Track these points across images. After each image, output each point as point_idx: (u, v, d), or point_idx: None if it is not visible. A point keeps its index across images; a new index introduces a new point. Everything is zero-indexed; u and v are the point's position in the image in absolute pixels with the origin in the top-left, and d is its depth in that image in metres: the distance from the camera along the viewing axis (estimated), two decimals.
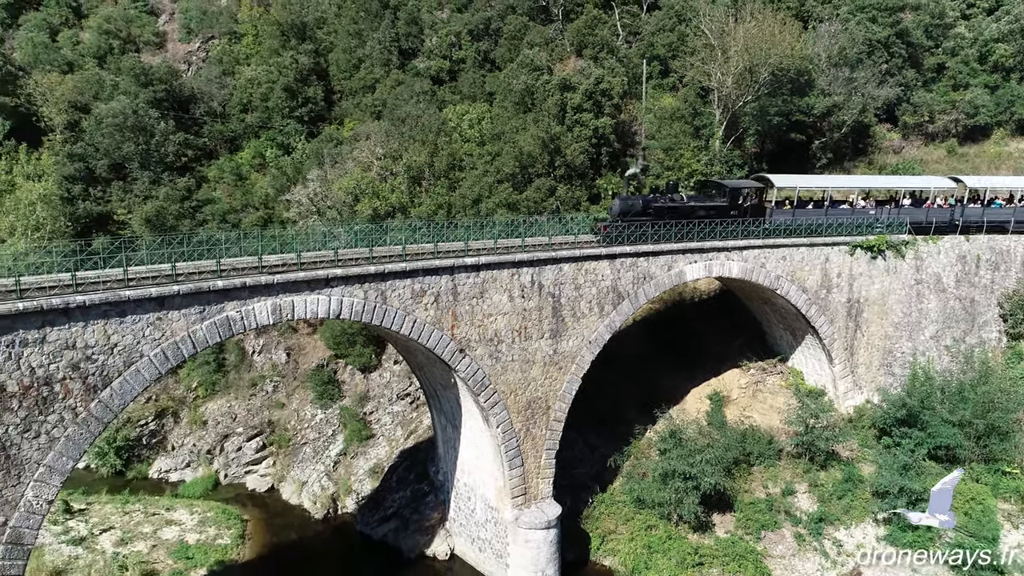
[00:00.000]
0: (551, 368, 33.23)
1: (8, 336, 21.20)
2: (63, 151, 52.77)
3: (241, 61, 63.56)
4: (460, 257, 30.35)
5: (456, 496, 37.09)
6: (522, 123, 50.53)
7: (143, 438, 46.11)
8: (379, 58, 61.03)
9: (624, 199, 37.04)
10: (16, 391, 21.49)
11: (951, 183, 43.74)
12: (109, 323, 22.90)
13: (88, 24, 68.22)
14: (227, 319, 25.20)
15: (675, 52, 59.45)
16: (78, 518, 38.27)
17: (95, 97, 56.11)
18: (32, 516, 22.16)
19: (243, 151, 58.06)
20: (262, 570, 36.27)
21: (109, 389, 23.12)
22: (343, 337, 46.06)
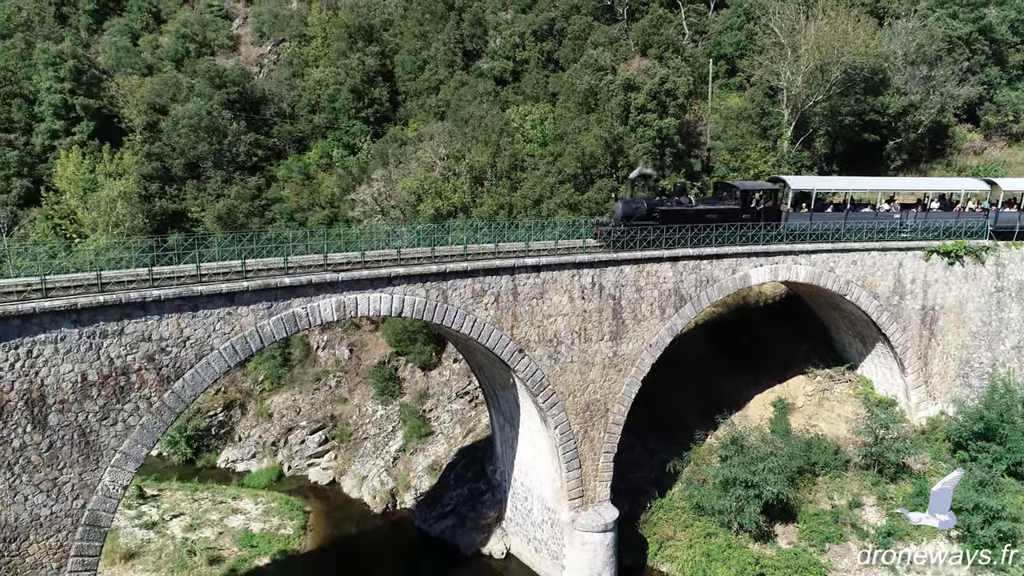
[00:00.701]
0: (610, 370, 32.97)
1: (90, 327, 22.19)
2: (142, 151, 54.98)
3: (310, 63, 65.10)
4: (521, 257, 30.39)
5: (513, 496, 37.17)
6: (585, 123, 50.28)
7: (212, 428, 47.66)
8: (443, 59, 61.64)
9: (627, 202, 34.76)
10: (96, 380, 22.48)
11: (984, 186, 41.40)
12: (182, 317, 23.75)
13: (167, 29, 70.96)
14: (293, 315, 25.83)
15: (743, 51, 58.31)
16: (151, 503, 39.83)
17: (172, 99, 58.30)
18: (108, 500, 23.15)
19: (311, 151, 59.44)
20: (323, 561, 37.05)
21: (181, 380, 23.97)
22: (404, 335, 46.69)
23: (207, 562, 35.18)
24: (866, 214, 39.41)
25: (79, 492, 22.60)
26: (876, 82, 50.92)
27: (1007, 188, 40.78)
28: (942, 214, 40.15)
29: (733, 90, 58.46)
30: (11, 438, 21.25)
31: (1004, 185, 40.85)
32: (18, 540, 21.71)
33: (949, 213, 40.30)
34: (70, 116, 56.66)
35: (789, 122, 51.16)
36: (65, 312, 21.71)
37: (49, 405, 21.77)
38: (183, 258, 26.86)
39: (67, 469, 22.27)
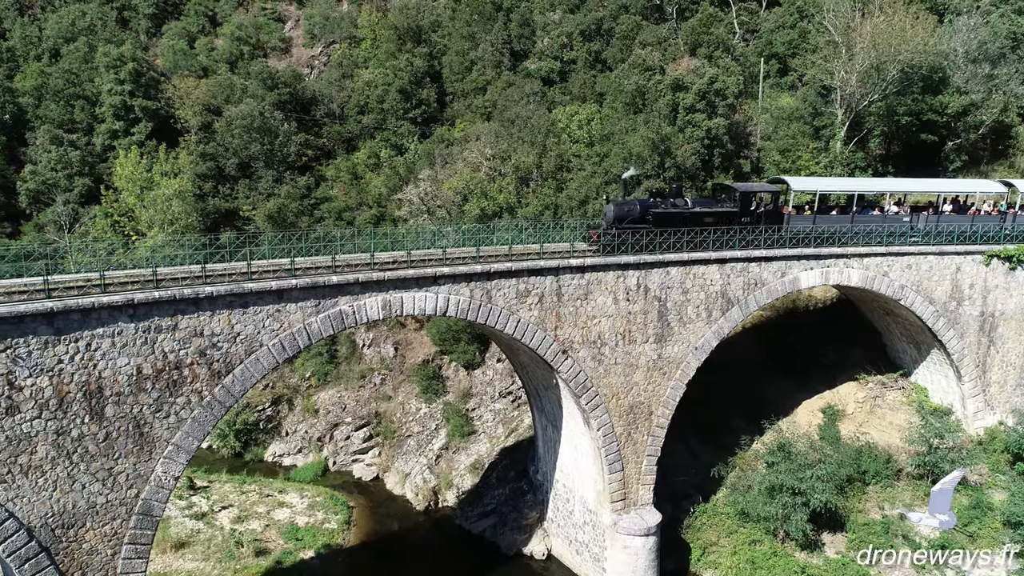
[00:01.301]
0: (655, 373, 32.66)
1: (145, 322, 22.87)
2: (196, 151, 56.44)
3: (359, 65, 65.99)
4: (565, 258, 30.31)
5: (555, 497, 37.10)
6: (632, 124, 49.93)
7: (260, 423, 48.66)
8: (491, 60, 61.85)
9: (619, 204, 33.36)
10: (150, 373, 23.16)
11: (1000, 188, 39.65)
12: (233, 313, 24.29)
13: (222, 32, 72.70)
14: (340, 313, 26.20)
15: (795, 50, 57.20)
16: (200, 495, 40.85)
17: (226, 100, 59.69)
18: (161, 490, 23.82)
19: (359, 151, 60.26)
20: (366, 556, 37.52)
21: (231, 375, 24.52)
22: (448, 334, 47.01)
23: (254, 554, 35.95)
24: (874, 217, 37.58)
25: (133, 482, 23.30)
26: (935, 81, 49.42)
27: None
28: (955, 218, 38.45)
29: (784, 90, 57.38)
30: (70, 428, 22.02)
31: (1022, 187, 39.06)
32: (75, 527, 22.48)
33: (963, 216, 38.63)
34: (129, 117, 58.47)
35: (842, 122, 49.98)
36: (122, 307, 22.39)
37: (106, 397, 22.49)
38: (234, 256, 27.50)
39: (122, 459, 22.98)
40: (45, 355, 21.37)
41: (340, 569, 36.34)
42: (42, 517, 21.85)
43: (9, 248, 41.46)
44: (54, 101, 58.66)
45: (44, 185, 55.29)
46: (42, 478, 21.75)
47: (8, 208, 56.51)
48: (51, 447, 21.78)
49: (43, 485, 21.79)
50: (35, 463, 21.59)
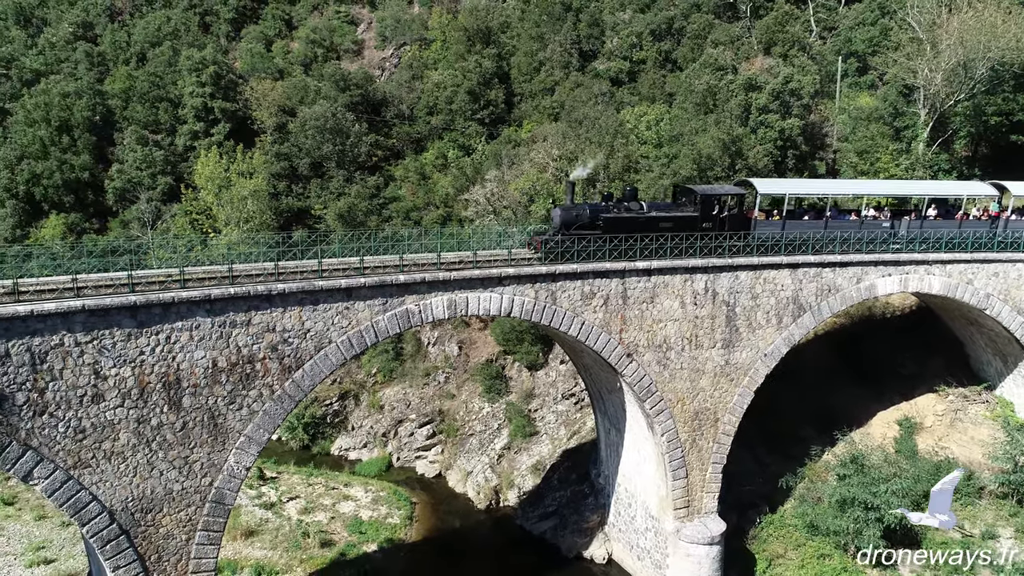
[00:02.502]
0: (721, 379, 32.00)
1: (221, 317, 23.68)
2: (271, 151, 58.14)
3: (429, 66, 66.84)
4: (631, 260, 29.99)
5: (616, 501, 36.77)
6: (702, 124, 49.07)
7: (327, 417, 49.78)
8: (559, 60, 61.75)
9: (566, 208, 30.78)
10: (225, 366, 23.96)
11: (991, 190, 36.84)
12: (304, 310, 24.91)
13: (297, 35, 74.69)
14: (406, 312, 26.56)
15: (875, 47, 55.17)
16: (270, 485, 42.06)
17: (300, 101, 61.31)
18: (233, 480, 24.62)
19: (427, 152, 61.04)
20: (427, 552, 37.94)
21: (301, 370, 25.15)
22: (512, 334, 47.13)
23: (319, 544, 36.80)
24: (850, 222, 35.07)
25: (207, 470, 24.15)
26: None
27: (1019, 193, 36.34)
28: (940, 223, 35.81)
29: (864, 89, 55.45)
30: (150, 417, 22.98)
31: (1016, 189, 36.37)
32: (153, 511, 23.45)
33: (949, 222, 35.98)
34: (209, 118, 60.65)
35: (925, 123, 47.98)
36: (200, 302, 23.24)
37: (183, 388, 23.38)
38: (306, 254, 28.16)
39: (197, 448, 23.85)
40: (128, 347, 22.34)
41: (402, 564, 36.85)
42: (123, 501, 22.86)
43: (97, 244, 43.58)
44: (140, 103, 61.31)
45: (130, 183, 57.86)
46: (123, 464, 22.75)
47: (97, 205, 59.31)
48: (132, 434, 22.77)
49: (124, 471, 22.80)
50: (117, 449, 22.61)
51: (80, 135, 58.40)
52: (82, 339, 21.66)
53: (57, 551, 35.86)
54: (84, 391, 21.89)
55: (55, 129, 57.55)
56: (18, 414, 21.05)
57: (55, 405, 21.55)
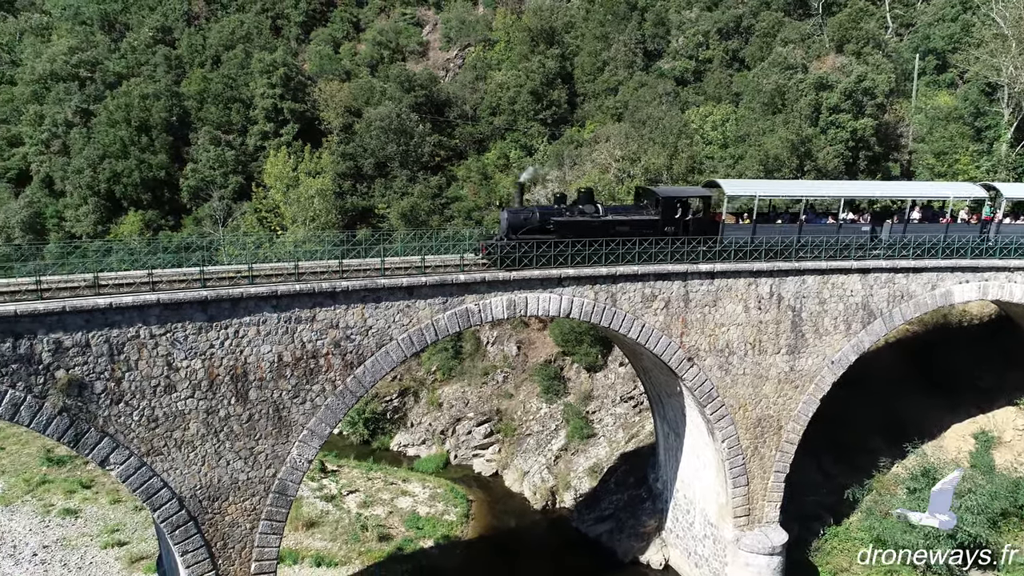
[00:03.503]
0: (786, 386, 31.20)
1: (287, 313, 24.29)
2: (338, 151, 59.33)
3: (492, 67, 67.14)
4: (694, 263, 29.51)
5: (675, 507, 36.25)
6: (770, 125, 47.97)
7: (387, 413, 50.54)
8: (623, 60, 61.23)
9: (514, 211, 28.99)
10: (290, 361, 24.57)
11: (980, 192, 34.20)
12: (366, 307, 25.35)
13: (364, 37, 76.02)
14: (466, 311, 26.74)
15: (956, 44, 52.99)
16: (330, 478, 42.95)
17: (366, 102, 62.39)
18: (295, 471, 25.24)
19: (489, 152, 61.33)
20: (483, 550, 38.13)
21: (363, 367, 25.60)
22: (571, 335, 46.96)
23: (377, 538, 37.40)
24: (827, 227, 32.77)
25: (271, 462, 24.81)
26: None
27: (1010, 195, 33.87)
28: (926, 227, 33.31)
29: (942, 88, 53.29)
30: (218, 408, 23.74)
31: (1007, 191, 33.94)
32: (219, 500, 24.22)
33: (935, 226, 33.44)
34: (279, 119, 62.28)
35: (1009, 123, 45.81)
36: (267, 298, 23.89)
37: (250, 381, 24.07)
38: (369, 252, 28.63)
39: (262, 440, 24.52)
40: (199, 340, 23.13)
41: (458, 561, 37.13)
42: (191, 489, 23.68)
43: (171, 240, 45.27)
44: (214, 104, 63.37)
45: (203, 182, 59.89)
46: (192, 453, 23.57)
47: (172, 203, 61.60)
48: (201, 425, 23.56)
49: (193, 459, 23.61)
50: (187, 439, 23.43)
51: (158, 135, 60.74)
52: (156, 331, 22.53)
53: (130, 534, 37.42)
54: (157, 381, 22.76)
55: (135, 129, 59.98)
56: (96, 402, 22.02)
57: (130, 394, 22.47)
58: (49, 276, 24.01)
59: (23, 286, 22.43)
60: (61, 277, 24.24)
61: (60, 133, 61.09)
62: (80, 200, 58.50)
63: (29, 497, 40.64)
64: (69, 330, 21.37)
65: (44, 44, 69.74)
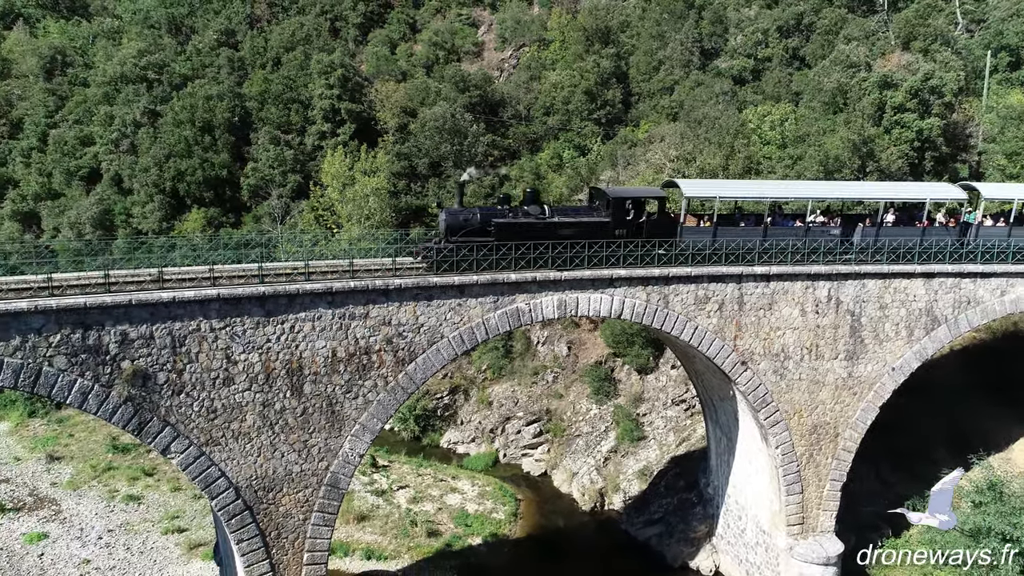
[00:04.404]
0: (843, 392, 30.39)
1: (341, 309, 24.73)
2: (393, 151, 60.12)
3: (547, 67, 67.11)
4: (749, 265, 28.98)
5: (726, 512, 35.65)
6: (830, 124, 46.80)
7: (438, 410, 50.98)
8: (679, 59, 60.52)
9: (453, 212, 27.67)
10: (344, 357, 25.01)
11: (958, 193, 32.12)
12: (418, 305, 25.63)
13: (420, 38, 76.90)
14: (517, 310, 26.80)
15: None
16: (381, 473, 43.55)
17: (421, 103, 63.08)
18: (347, 465, 25.67)
19: (543, 152, 61.32)
20: (530, 549, 38.16)
21: (414, 363, 25.88)
22: (622, 336, 46.60)
23: (426, 534, 37.79)
24: (793, 229, 31.12)
25: (324, 455, 25.29)
26: None
27: (991, 196, 32.17)
28: (900, 230, 31.34)
29: (1015, 86, 51.12)
30: (274, 401, 24.32)
31: (987, 192, 32.08)
32: (274, 490, 24.80)
33: (911, 229, 31.48)
34: (336, 119, 63.42)
35: None
36: (322, 294, 24.37)
37: (305, 375, 24.59)
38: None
39: (315, 434, 25.02)
40: (256, 334, 23.73)
41: (505, 559, 37.25)
42: (247, 479, 24.31)
43: (231, 237, 46.47)
44: (274, 105, 64.88)
45: (262, 181, 61.37)
46: (249, 444, 24.19)
47: (233, 201, 63.29)
48: (257, 417, 24.16)
49: (249, 450, 24.23)
50: (244, 430, 24.06)
51: (220, 135, 62.48)
52: (216, 325, 23.20)
53: (189, 521, 38.64)
54: (216, 374, 23.44)
55: (198, 129, 61.82)
56: (159, 392, 22.79)
57: (191, 385, 23.19)
58: (117, 270, 24.89)
59: (93, 279, 23.35)
60: (128, 271, 25.14)
61: (129, 133, 63.36)
62: (147, 198, 60.57)
63: (96, 483, 42.33)
64: (134, 322, 22.16)
65: (115, 47, 72.43)
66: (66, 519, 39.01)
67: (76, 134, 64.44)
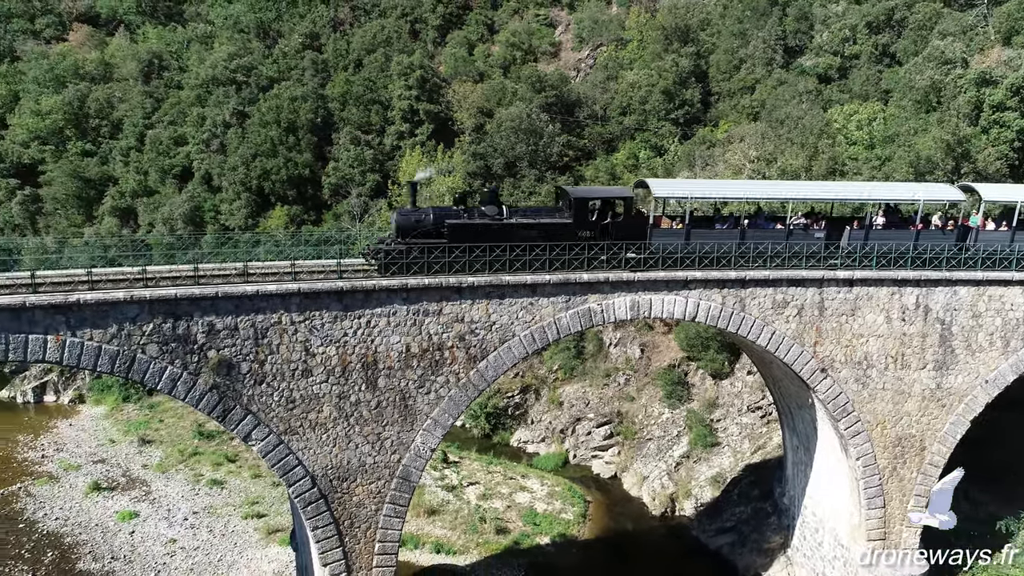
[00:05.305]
0: (931, 404, 29.02)
1: (415, 306, 25.16)
2: (469, 150, 60.78)
3: (624, 66, 66.55)
4: (831, 269, 28.02)
5: (802, 524, 34.56)
6: (922, 124, 44.77)
7: (509, 409, 51.26)
8: (761, 57, 59.05)
9: (405, 212, 26.52)
10: (417, 352, 25.44)
11: (956, 194, 29.29)
12: (491, 303, 25.83)
13: (498, 39, 77.42)
14: (589, 310, 26.68)
15: None
16: (452, 469, 44.11)
17: (498, 103, 63.51)
18: (418, 459, 26.11)
19: (618, 152, 60.83)
20: (598, 552, 37.96)
21: (486, 361, 26.10)
22: (697, 340, 45.80)
23: (495, 531, 38.06)
24: (774, 232, 28.99)
25: (396, 448, 25.79)
26: None
27: (990, 197, 29.37)
28: (892, 234, 28.94)
29: None
30: (350, 393, 24.95)
31: (987, 194, 29.23)
32: (348, 480, 25.45)
33: (904, 232, 28.99)
34: (414, 119, 64.57)
35: None
36: (397, 291, 24.84)
37: (379, 370, 25.13)
38: (494, 250, 29.00)
39: (388, 427, 25.54)
40: (334, 328, 24.40)
41: (573, 560, 37.16)
42: (323, 468, 25.03)
43: (312, 233, 47.90)
44: (355, 106, 66.53)
45: (343, 180, 63.04)
46: (325, 434, 24.90)
47: (314, 199, 65.24)
48: (334, 408, 24.85)
49: (325, 440, 24.95)
50: (321, 421, 24.79)
51: (303, 135, 64.50)
52: (296, 319, 23.97)
53: (268, 508, 40.07)
54: (296, 366, 24.21)
55: (283, 130, 63.99)
56: (242, 381, 23.72)
57: (271, 376, 24.03)
58: (205, 264, 26.02)
59: (183, 272, 24.49)
60: (215, 265, 26.24)
61: (218, 133, 66.11)
62: (234, 195, 63.08)
63: (182, 466, 44.43)
64: (220, 314, 23.12)
65: (207, 51, 75.68)
66: (155, 500, 41.08)
67: (170, 134, 67.62)
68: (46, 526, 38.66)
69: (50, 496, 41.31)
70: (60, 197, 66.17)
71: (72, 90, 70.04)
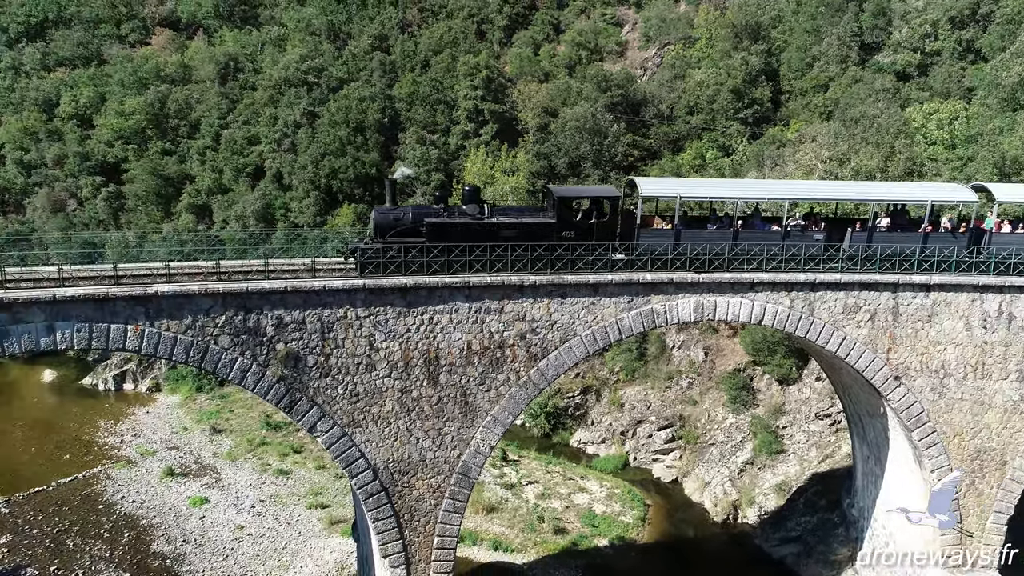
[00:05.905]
0: (1014, 416, 27.65)
1: (477, 303, 25.34)
2: (533, 150, 60.84)
3: (692, 65, 65.53)
4: (907, 273, 26.96)
5: (872, 537, 33.36)
6: (1009, 123, 42.73)
7: (569, 409, 51.07)
8: (835, 55, 57.32)
9: (384, 211, 25.90)
10: (478, 349, 25.62)
11: (968, 195, 27.08)
12: (552, 302, 25.81)
13: (564, 38, 77.22)
14: (651, 311, 26.38)
15: None
16: (511, 467, 44.25)
17: (563, 103, 63.36)
18: (478, 455, 26.29)
19: (684, 152, 59.93)
20: (658, 556, 37.50)
21: (546, 360, 26.09)
22: (763, 344, 44.77)
23: (553, 530, 38.03)
24: (770, 234, 27.51)
25: (456, 444, 26.02)
26: None
27: (1006, 198, 27.65)
28: (898, 236, 27.11)
29: None
30: (411, 388, 25.30)
31: (1001, 194, 27.07)
32: (408, 474, 25.81)
33: (911, 235, 27.08)
34: (479, 119, 64.98)
35: None
36: (459, 288, 25.06)
37: (441, 366, 25.40)
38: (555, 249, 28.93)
39: (449, 422, 25.80)
40: (398, 324, 24.78)
41: (632, 563, 36.81)
42: (384, 461, 25.45)
43: None
44: (421, 106, 67.38)
45: (408, 179, 63.91)
46: (387, 428, 25.32)
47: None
48: (396, 403, 25.24)
49: (387, 434, 25.36)
50: (383, 414, 25.21)
51: (371, 135, 65.68)
52: (362, 314, 24.43)
53: (331, 499, 40.98)
54: (360, 360, 24.68)
55: (351, 130, 65.28)
56: (308, 374, 24.32)
57: (337, 369, 24.56)
58: (275, 259, 26.79)
59: (254, 267, 25.25)
60: (284, 260, 26.99)
61: (290, 133, 67.90)
62: (303, 193, 64.70)
63: (250, 455, 45.82)
64: (289, 308, 23.76)
65: (280, 53, 77.84)
66: (225, 487, 42.50)
67: (244, 134, 69.80)
68: (123, 508, 40.44)
69: (127, 480, 43.20)
70: (141, 194, 69.04)
71: (153, 92, 72.98)
